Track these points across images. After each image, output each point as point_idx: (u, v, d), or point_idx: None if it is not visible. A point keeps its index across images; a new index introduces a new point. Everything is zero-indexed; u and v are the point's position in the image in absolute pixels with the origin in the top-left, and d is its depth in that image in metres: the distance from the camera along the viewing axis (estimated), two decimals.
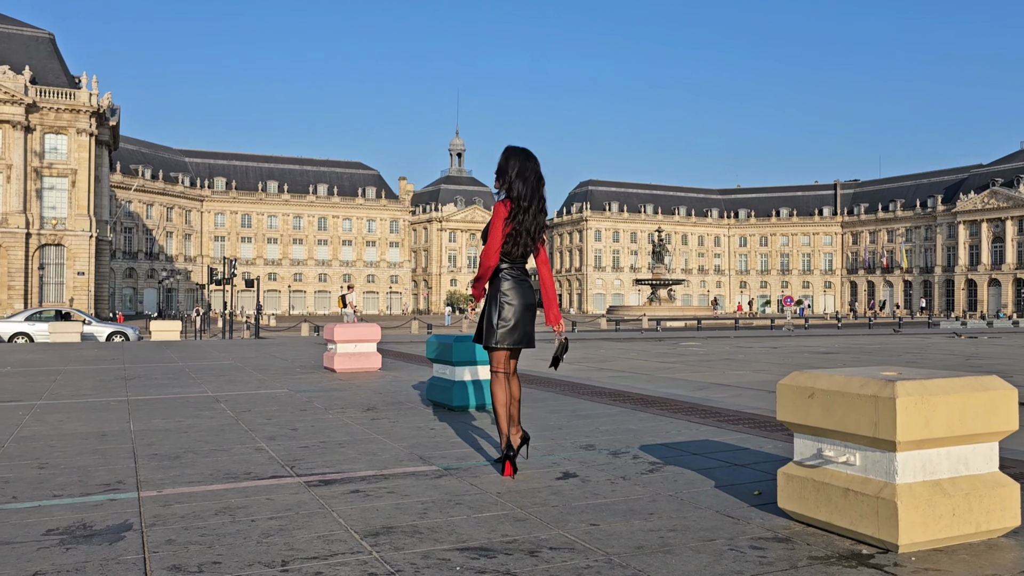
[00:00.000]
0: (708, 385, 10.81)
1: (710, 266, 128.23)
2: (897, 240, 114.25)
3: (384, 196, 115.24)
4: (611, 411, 7.53)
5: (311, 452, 5.54)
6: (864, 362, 15.36)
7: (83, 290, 61.24)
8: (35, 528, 3.65)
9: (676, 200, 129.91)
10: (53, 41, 65.36)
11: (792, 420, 3.59)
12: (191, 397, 8.96)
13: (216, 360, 15.04)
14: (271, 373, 12.09)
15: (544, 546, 3.34)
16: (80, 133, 61.62)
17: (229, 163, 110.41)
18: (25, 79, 59.54)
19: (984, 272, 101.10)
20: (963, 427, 3.27)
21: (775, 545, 3.36)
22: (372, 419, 7.15)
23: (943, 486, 3.27)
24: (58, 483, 4.59)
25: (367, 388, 9.81)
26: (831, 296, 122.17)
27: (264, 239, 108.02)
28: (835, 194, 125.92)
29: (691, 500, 4.12)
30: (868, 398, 3.23)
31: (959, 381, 3.34)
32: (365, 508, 3.98)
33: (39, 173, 60.51)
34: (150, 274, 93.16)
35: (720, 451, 5.48)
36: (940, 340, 25.13)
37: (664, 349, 19.65)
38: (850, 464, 3.39)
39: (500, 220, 4.73)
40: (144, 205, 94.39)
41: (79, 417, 7.35)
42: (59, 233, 60.92)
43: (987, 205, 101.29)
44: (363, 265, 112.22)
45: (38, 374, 12.09)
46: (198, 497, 4.23)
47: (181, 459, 5.31)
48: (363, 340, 12.47)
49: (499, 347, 4.74)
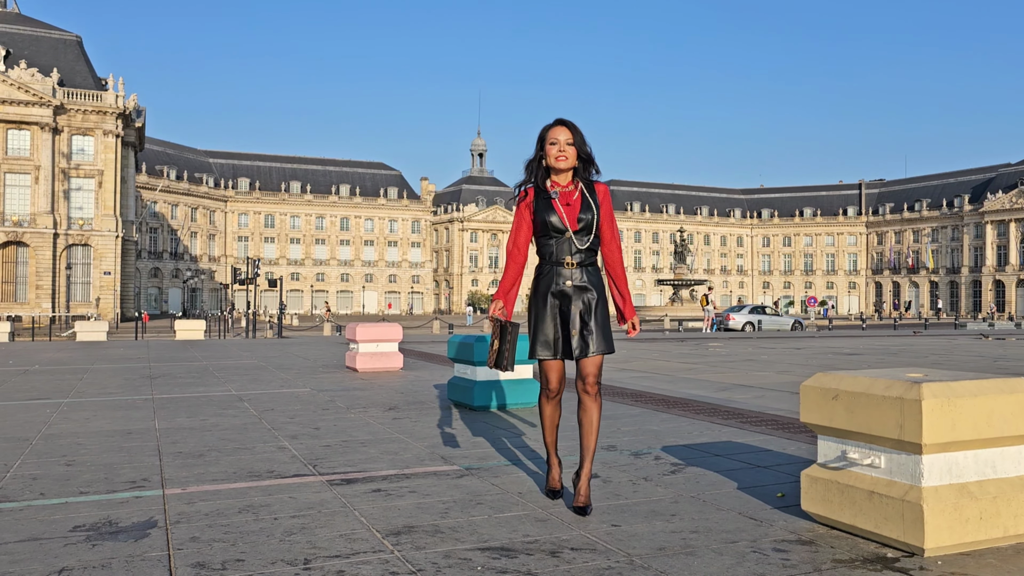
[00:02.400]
0: (730, 386, 10.75)
1: (732, 266, 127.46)
2: (923, 240, 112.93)
3: (406, 196, 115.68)
4: (632, 412, 7.51)
5: (333, 451, 5.57)
6: (889, 363, 15.20)
7: (109, 290, 62.03)
8: (62, 524, 3.70)
9: (698, 200, 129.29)
10: (80, 44, 66.26)
11: (816, 422, 3.56)
12: (215, 396, 9.05)
13: (239, 359, 15.16)
14: (294, 372, 12.17)
15: (565, 547, 3.34)
16: (106, 134, 62.45)
17: (252, 164, 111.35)
18: (53, 81, 60.43)
19: (1012, 273, 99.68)
20: (990, 430, 3.23)
21: (798, 548, 3.33)
22: (394, 418, 7.17)
23: (970, 489, 3.23)
24: (84, 480, 4.65)
25: (389, 387, 9.85)
26: (856, 297, 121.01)
27: (287, 239, 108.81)
28: (860, 194, 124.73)
29: (713, 502, 4.10)
30: (893, 400, 3.19)
31: (986, 383, 3.29)
32: (387, 507, 4.00)
33: (66, 174, 61.39)
34: (175, 274, 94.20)
35: (743, 452, 5.44)
36: (967, 341, 24.80)
37: (686, 350, 19.56)
38: (875, 467, 3.35)
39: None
40: (169, 205, 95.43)
41: (105, 415, 7.44)
42: (86, 233, 61.75)
43: (1015, 205, 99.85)
44: (385, 265, 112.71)
45: (65, 372, 12.26)
46: (222, 495, 4.27)
47: (205, 457, 5.35)
48: (385, 340, 12.52)
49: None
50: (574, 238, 3.96)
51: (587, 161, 4.03)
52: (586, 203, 3.99)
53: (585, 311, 3.94)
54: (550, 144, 3.98)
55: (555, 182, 4.03)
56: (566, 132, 3.97)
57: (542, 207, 3.98)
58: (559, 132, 3.98)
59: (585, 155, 4.00)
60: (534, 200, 4.02)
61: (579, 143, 3.98)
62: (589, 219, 3.97)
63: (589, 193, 4.02)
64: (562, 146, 3.96)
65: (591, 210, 3.97)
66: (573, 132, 3.98)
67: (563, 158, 3.96)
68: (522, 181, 4.09)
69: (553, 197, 3.99)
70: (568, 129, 3.98)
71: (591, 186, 4.04)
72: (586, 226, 3.97)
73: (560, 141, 3.97)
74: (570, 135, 3.98)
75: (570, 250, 3.97)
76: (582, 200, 4.00)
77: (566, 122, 4.01)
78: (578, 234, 3.96)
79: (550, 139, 3.99)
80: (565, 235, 3.96)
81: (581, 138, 4.00)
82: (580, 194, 4.01)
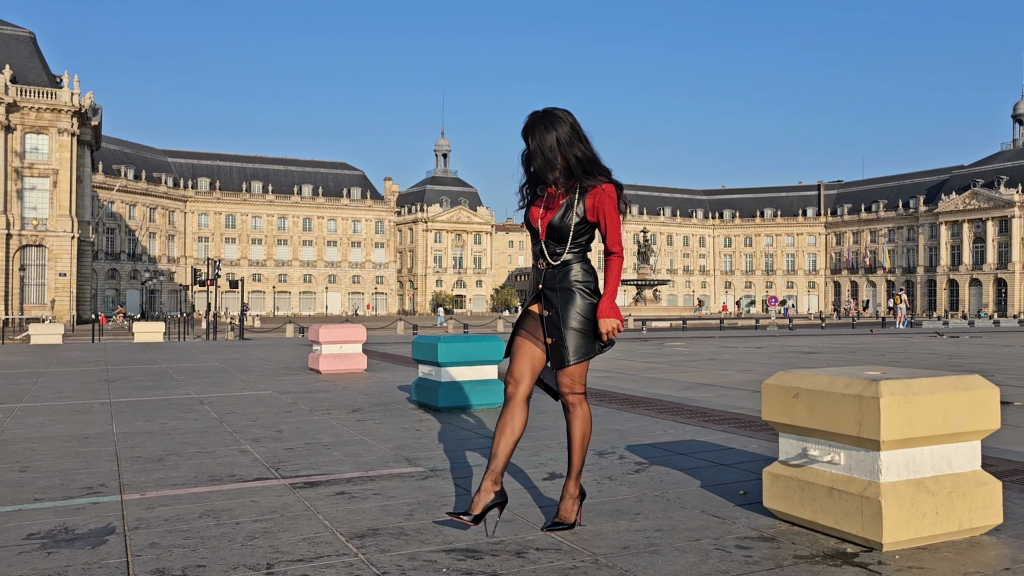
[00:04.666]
0: (693, 385, 10.85)
1: (695, 266, 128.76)
2: (880, 240, 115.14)
3: (369, 197, 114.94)
4: (597, 411, 7.54)
5: (296, 454, 5.51)
6: (848, 361, 15.46)
7: (65, 291, 60.70)
8: (16, 532, 3.61)
9: (661, 200, 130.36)
10: (34, 40, 64.75)
11: (777, 420, 3.60)
12: (175, 399, 8.90)
13: (200, 362, 14.94)
14: (256, 375, 12.03)
15: (531, 547, 3.34)
16: (61, 133, 61.09)
17: (213, 163, 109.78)
18: (5, 78, 58.96)
19: (965, 272, 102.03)
20: (946, 426, 3.30)
21: (761, 544, 3.37)
22: (357, 420, 7.12)
23: (927, 485, 3.30)
24: (39, 486, 4.54)
25: (352, 389, 9.78)
26: (815, 296, 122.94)
27: (248, 240, 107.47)
28: (819, 195, 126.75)
29: (677, 500, 4.13)
30: (852, 398, 3.24)
31: (942, 380, 3.36)
32: (351, 510, 3.97)
33: (20, 173, 59.93)
34: (133, 275, 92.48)
35: (706, 451, 5.49)
36: (922, 340, 25.34)
37: (649, 349, 19.70)
38: (835, 463, 3.40)
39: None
40: (127, 206, 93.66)
41: (61, 420, 7.27)
42: (40, 234, 60.34)
43: (968, 206, 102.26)
44: (348, 266, 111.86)
45: (19, 376, 11.97)
46: (182, 500, 4.20)
47: (165, 461, 5.26)
48: (348, 341, 12.43)
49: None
50: (551, 240, 3.64)
51: (579, 162, 3.56)
52: (568, 204, 3.59)
53: (563, 314, 3.59)
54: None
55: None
56: (533, 137, 3.55)
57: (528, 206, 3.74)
58: (528, 137, 3.58)
59: (574, 159, 3.54)
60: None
61: (547, 148, 3.53)
62: (562, 223, 3.59)
63: (582, 194, 3.60)
64: (535, 152, 3.56)
65: (569, 211, 3.58)
66: (539, 135, 3.53)
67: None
68: (524, 180, 3.74)
69: (540, 194, 3.69)
70: (533, 134, 3.55)
71: (584, 187, 3.59)
72: (560, 228, 3.60)
73: (532, 148, 3.57)
74: (538, 141, 3.54)
75: (544, 250, 3.66)
76: (565, 200, 3.61)
77: (533, 123, 3.55)
78: (553, 237, 3.63)
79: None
80: (540, 239, 3.66)
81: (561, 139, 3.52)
82: (568, 194, 3.63)
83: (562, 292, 3.60)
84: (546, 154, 3.54)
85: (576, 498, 3.62)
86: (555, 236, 3.61)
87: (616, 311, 3.56)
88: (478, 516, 3.38)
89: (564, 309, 3.57)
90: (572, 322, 3.55)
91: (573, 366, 3.55)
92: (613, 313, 3.54)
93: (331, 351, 12.29)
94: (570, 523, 3.59)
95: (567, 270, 3.63)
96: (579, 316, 3.57)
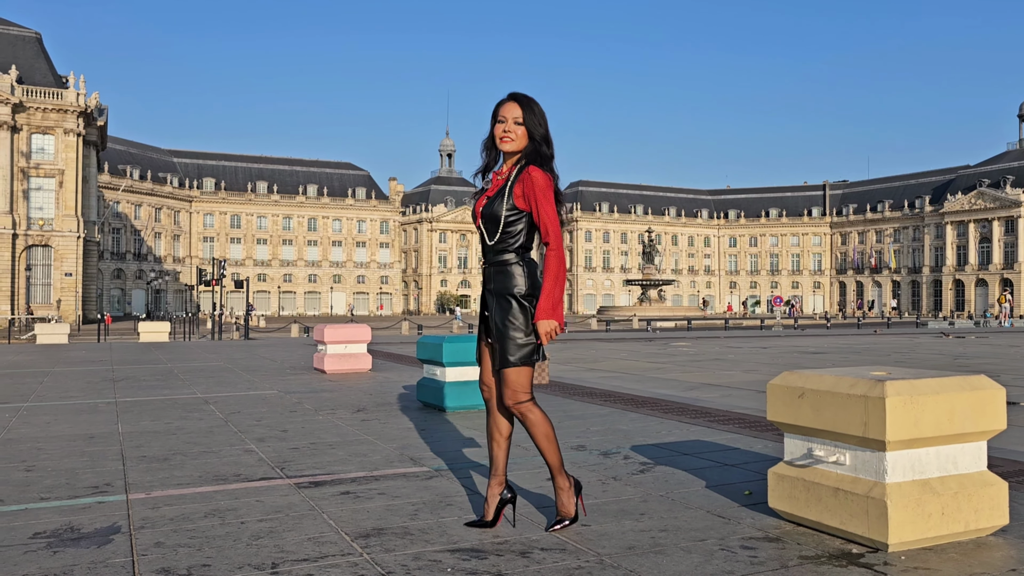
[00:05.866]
0: (698, 385, 10.83)
1: (700, 266, 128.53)
2: (885, 240, 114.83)
3: (374, 197, 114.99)
4: (602, 412, 7.54)
5: (301, 454, 5.51)
6: (853, 362, 15.42)
7: (70, 291, 60.87)
8: (22, 531, 3.62)
9: (666, 201, 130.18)
10: (40, 40, 64.94)
11: (782, 420, 3.60)
12: (180, 399, 8.92)
13: (205, 361, 14.97)
14: (261, 374, 12.04)
15: (536, 547, 3.34)
16: (67, 133, 61.26)
17: (218, 163, 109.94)
18: (11, 79, 59.13)
19: (971, 272, 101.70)
20: (952, 426, 3.29)
21: (766, 545, 3.37)
22: (362, 420, 7.12)
23: (932, 485, 3.29)
24: (45, 486, 4.56)
25: (357, 389, 9.79)
26: (820, 296, 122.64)
27: (253, 240, 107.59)
28: (824, 195, 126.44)
29: (682, 500, 4.12)
30: (858, 398, 3.23)
31: (948, 381, 3.35)
32: (355, 509, 3.97)
33: (26, 173, 60.11)
34: (138, 275, 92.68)
35: (711, 451, 5.48)
36: (928, 340, 25.26)
37: (654, 349, 19.69)
38: (840, 464, 3.39)
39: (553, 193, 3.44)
40: (132, 206, 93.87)
41: (66, 419, 7.30)
42: (46, 234, 60.53)
43: (974, 206, 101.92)
44: (353, 266, 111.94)
45: (25, 376, 12.01)
46: (187, 499, 4.21)
47: (170, 461, 5.27)
48: (353, 341, 12.44)
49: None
50: (484, 233, 3.48)
51: (540, 143, 3.44)
52: (499, 192, 3.44)
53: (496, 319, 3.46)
54: (498, 122, 3.46)
55: (504, 168, 3.52)
56: (516, 109, 3.44)
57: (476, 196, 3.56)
58: (508, 109, 3.45)
59: (539, 137, 3.43)
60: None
61: (531, 122, 3.43)
62: (491, 211, 3.42)
63: (514, 180, 3.43)
64: (509, 124, 3.43)
65: (500, 200, 3.42)
66: (524, 109, 3.44)
67: (508, 139, 3.43)
68: (480, 167, 3.59)
69: (486, 187, 3.53)
70: (519, 105, 3.44)
71: (521, 172, 3.43)
72: (490, 218, 3.44)
73: (508, 119, 3.44)
74: (520, 112, 3.43)
75: (484, 247, 3.50)
76: (498, 189, 3.45)
77: (518, 97, 3.47)
78: (486, 229, 3.46)
79: (499, 116, 3.46)
80: (480, 230, 3.51)
81: (535, 117, 3.44)
82: (505, 181, 3.46)
83: (497, 297, 3.46)
84: (541, 128, 3.46)
85: (569, 490, 3.57)
86: (489, 228, 3.46)
87: (555, 312, 3.34)
88: (494, 520, 3.55)
89: (498, 315, 3.44)
90: (506, 329, 3.42)
91: (513, 376, 3.40)
92: (551, 314, 3.34)
93: (336, 351, 12.31)
94: (572, 517, 3.56)
95: (502, 268, 3.46)
96: (512, 322, 3.42)
